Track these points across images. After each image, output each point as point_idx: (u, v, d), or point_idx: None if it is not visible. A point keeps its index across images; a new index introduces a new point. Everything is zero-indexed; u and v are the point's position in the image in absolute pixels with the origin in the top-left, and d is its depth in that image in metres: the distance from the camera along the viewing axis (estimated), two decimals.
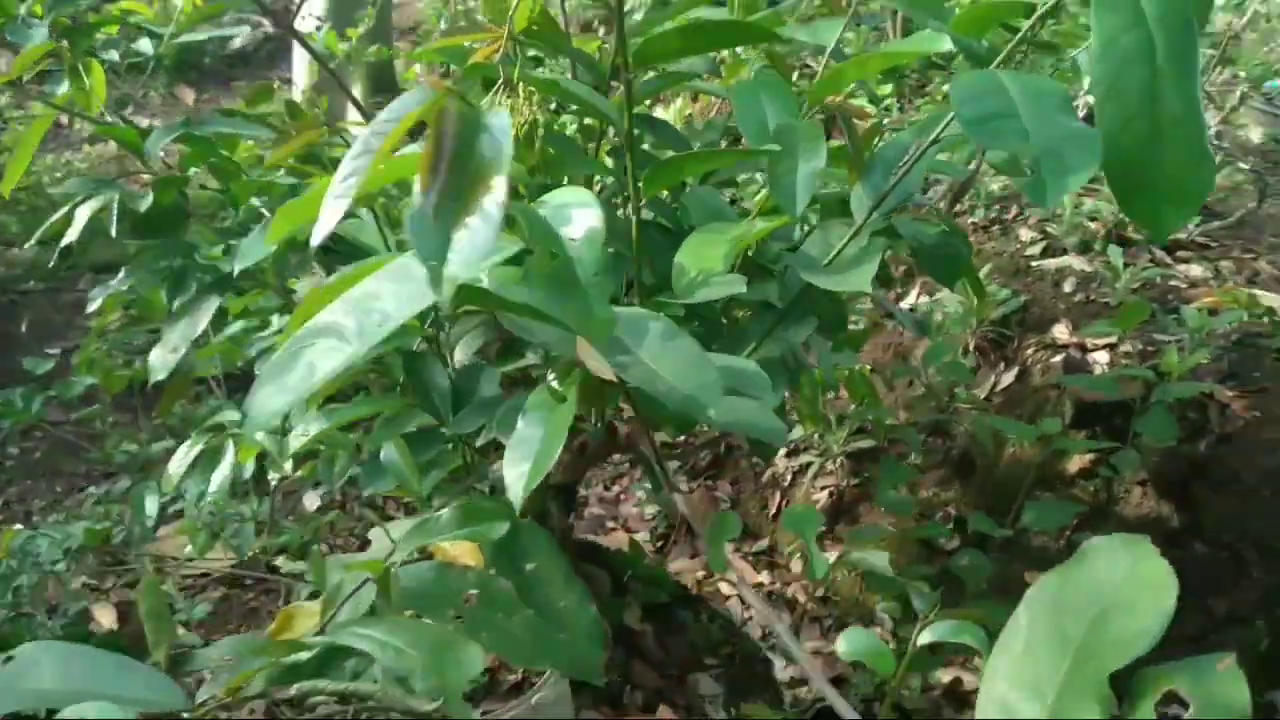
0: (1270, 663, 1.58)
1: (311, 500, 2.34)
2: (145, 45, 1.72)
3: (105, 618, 2.10)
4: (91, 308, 1.29)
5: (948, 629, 0.61)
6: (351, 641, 0.58)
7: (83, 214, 1.21)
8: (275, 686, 0.60)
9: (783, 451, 2.33)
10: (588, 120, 1.16)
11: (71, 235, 1.21)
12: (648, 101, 1.52)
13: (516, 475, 0.75)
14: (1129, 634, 0.50)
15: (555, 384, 0.77)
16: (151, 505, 1.91)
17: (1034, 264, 2.29)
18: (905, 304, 2.43)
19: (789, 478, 2.33)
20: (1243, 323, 1.90)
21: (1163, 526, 1.80)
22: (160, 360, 1.29)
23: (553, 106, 1.35)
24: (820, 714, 1.69)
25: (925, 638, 0.62)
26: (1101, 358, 1.96)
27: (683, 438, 2.39)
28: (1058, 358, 2.01)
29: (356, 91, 4.58)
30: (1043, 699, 0.52)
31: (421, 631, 0.64)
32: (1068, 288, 2.18)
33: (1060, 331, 2.06)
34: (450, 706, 0.59)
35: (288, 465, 1.43)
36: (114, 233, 1.19)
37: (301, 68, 4.43)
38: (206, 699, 0.60)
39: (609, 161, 1.06)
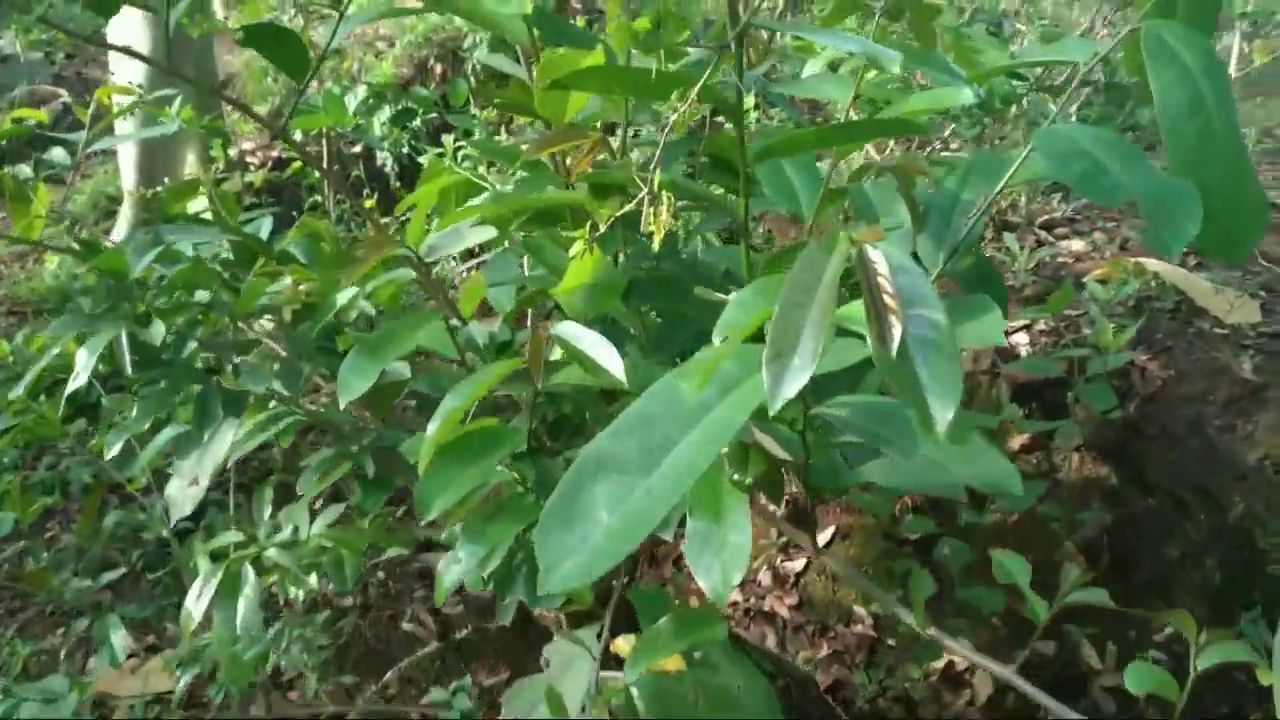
0: (1227, 596, 1.76)
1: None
2: (59, 154, 1.64)
3: None
4: (111, 454, 1.20)
5: (1224, 650, 0.67)
6: None
7: (85, 357, 1.13)
8: None
9: None
10: None
11: (78, 382, 1.13)
12: None
13: (712, 578, 0.77)
14: None
15: (732, 472, 0.79)
16: (119, 641, 1.79)
17: None
18: None
19: None
20: (1135, 290, 2.11)
21: (1104, 485, 1.97)
22: (181, 494, 1.22)
23: None
24: None
25: (1204, 662, 0.68)
26: (1022, 339, 2.12)
27: None
28: None
29: (192, 159, 4.31)
30: None
31: None
32: None
33: None
34: None
35: (312, 579, 1.38)
36: (129, 371, 1.13)
37: (128, 146, 4.14)
38: None
39: None
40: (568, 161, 1.01)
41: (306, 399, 1.48)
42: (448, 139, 3.31)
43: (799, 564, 2.23)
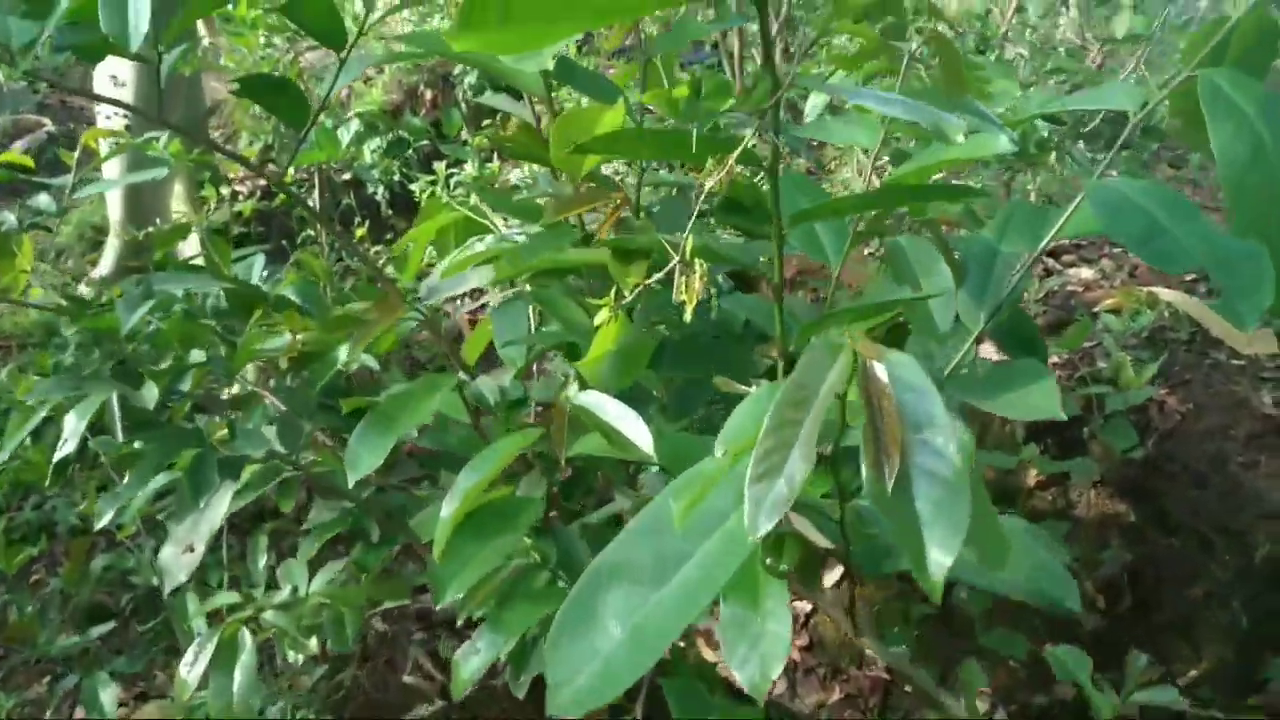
0: (1255, 638, 1.71)
1: None
2: (45, 201, 1.59)
3: None
4: (102, 523, 1.14)
5: None
6: None
7: (74, 421, 1.07)
8: None
9: None
10: None
11: (68, 447, 1.07)
12: None
13: (749, 670, 0.72)
14: None
15: (768, 558, 0.74)
16: (108, 697, 1.72)
17: None
18: None
19: None
20: (1150, 321, 2.06)
21: (1123, 523, 1.92)
22: (175, 561, 1.16)
23: None
24: None
25: None
26: None
27: None
28: None
29: (179, 189, 4.24)
30: None
31: None
32: None
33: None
34: None
35: (312, 643, 1.32)
36: (120, 436, 1.07)
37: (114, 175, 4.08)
38: None
39: None
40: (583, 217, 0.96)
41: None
42: (439, 166, 3.25)
43: (808, 605, 2.17)
